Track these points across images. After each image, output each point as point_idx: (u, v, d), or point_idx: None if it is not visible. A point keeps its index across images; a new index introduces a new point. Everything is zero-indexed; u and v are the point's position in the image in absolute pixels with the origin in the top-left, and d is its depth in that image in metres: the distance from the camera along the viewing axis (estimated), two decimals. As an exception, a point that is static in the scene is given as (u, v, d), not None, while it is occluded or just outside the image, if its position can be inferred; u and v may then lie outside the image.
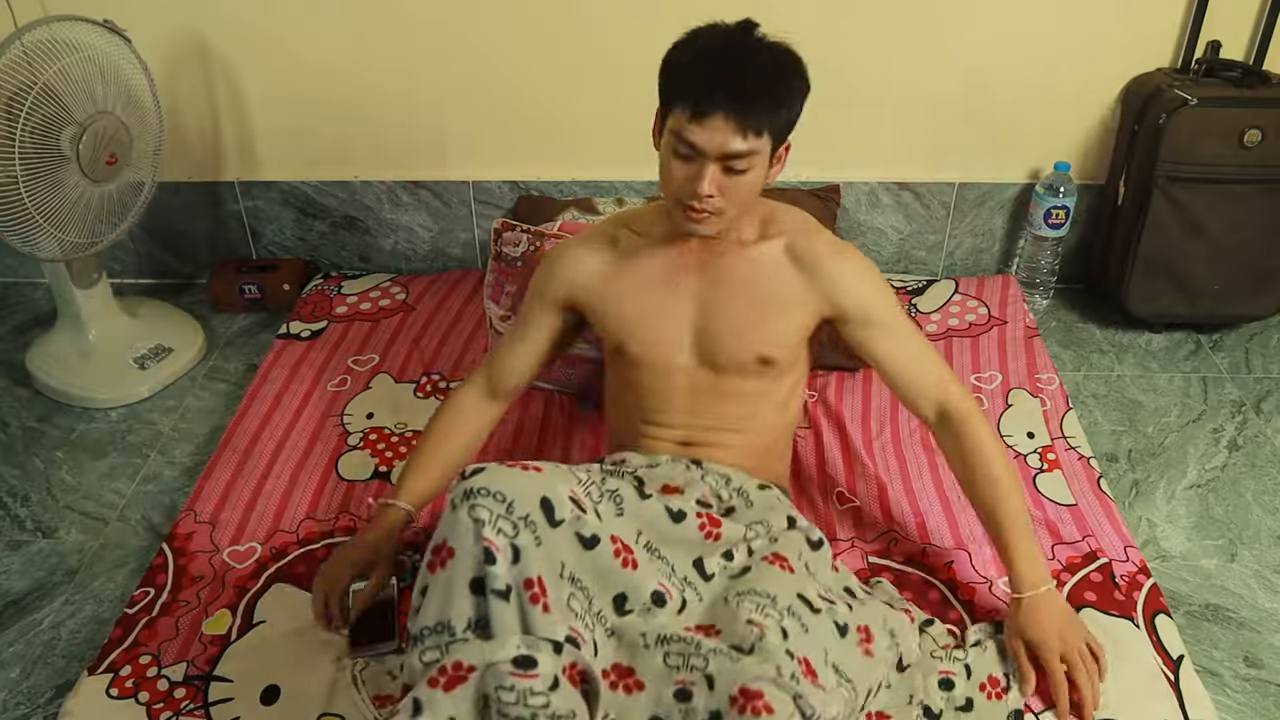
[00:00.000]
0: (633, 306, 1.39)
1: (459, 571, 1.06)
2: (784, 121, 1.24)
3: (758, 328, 1.36)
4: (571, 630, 1.07)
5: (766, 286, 1.36)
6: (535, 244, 1.83)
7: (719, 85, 1.18)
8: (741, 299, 1.36)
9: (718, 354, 1.38)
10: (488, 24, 2.07)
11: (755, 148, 1.21)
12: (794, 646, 1.11)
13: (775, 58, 1.23)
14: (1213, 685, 1.40)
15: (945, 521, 1.59)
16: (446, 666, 1.03)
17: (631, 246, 1.41)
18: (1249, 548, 1.64)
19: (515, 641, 1.03)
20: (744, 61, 1.21)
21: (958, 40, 2.08)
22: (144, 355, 2.05)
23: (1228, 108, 1.93)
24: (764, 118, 1.20)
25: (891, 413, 1.84)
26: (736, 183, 1.23)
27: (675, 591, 1.19)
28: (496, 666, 1.01)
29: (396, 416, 1.84)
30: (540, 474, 1.14)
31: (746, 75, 1.20)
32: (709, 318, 1.37)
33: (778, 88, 1.22)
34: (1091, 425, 1.90)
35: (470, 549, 1.06)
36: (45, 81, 1.70)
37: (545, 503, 1.10)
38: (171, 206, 2.30)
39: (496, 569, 1.05)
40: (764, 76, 1.21)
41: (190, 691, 1.33)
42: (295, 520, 1.61)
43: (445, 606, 1.06)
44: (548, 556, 1.08)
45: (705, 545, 1.25)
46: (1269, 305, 2.11)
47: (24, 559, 1.63)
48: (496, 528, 1.06)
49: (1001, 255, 2.33)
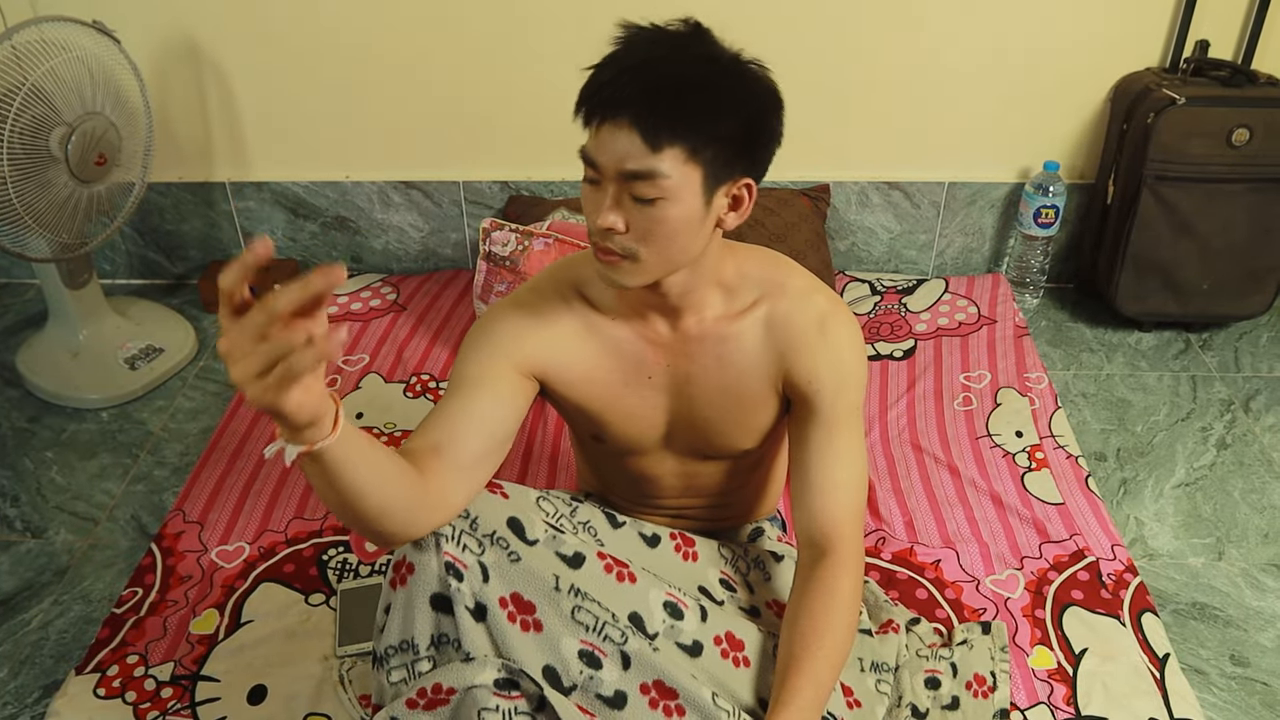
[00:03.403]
0: (601, 406, 1.18)
1: (419, 588, 1.00)
2: (716, 141, 0.97)
3: (736, 423, 1.18)
4: (585, 643, 1.01)
5: (742, 378, 1.15)
6: (524, 243, 1.83)
7: (621, 84, 0.95)
8: (719, 392, 1.16)
9: (697, 447, 1.22)
10: (478, 23, 2.07)
11: (663, 168, 0.95)
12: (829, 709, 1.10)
13: (713, 59, 0.98)
14: (1199, 683, 1.40)
15: (933, 521, 1.60)
16: (426, 689, 0.99)
17: (587, 320, 1.15)
18: (1236, 546, 1.64)
19: (496, 664, 0.99)
20: (662, 60, 0.96)
21: (947, 39, 2.08)
22: (134, 355, 2.05)
23: (1216, 107, 1.94)
24: (678, 127, 0.95)
25: (880, 412, 1.84)
26: (648, 216, 0.98)
27: (690, 600, 1.12)
28: (475, 691, 0.97)
29: (386, 416, 1.85)
30: (506, 498, 1.06)
31: (660, 71, 0.95)
32: (686, 413, 1.18)
33: (703, 92, 0.96)
34: (1080, 424, 1.90)
35: (430, 564, 0.99)
36: (34, 82, 1.70)
37: (514, 522, 1.03)
38: (162, 207, 2.30)
39: (464, 586, 0.99)
40: (684, 77, 0.95)
41: (177, 691, 1.33)
42: (283, 520, 1.61)
43: (407, 624, 1.01)
44: (528, 573, 1.01)
45: (692, 568, 1.21)
46: (1258, 304, 2.12)
47: (13, 559, 1.63)
48: (461, 544, 1.00)
49: (991, 254, 2.34)
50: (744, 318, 1.14)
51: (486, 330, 1.14)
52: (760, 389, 1.16)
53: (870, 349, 2.02)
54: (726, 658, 1.09)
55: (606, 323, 1.15)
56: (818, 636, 1.06)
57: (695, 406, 1.17)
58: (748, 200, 1.03)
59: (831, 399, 1.13)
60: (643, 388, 1.17)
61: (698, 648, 1.07)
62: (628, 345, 1.15)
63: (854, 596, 1.11)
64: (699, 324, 1.13)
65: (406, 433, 1.79)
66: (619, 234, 1.00)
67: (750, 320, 1.14)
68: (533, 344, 1.13)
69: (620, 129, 0.95)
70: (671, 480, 1.27)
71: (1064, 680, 1.34)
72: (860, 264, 2.34)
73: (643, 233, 0.99)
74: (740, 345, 1.14)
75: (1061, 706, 1.30)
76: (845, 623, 1.09)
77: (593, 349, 1.15)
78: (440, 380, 1.95)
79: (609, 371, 1.16)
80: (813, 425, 1.14)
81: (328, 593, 1.47)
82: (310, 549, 1.55)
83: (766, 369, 1.14)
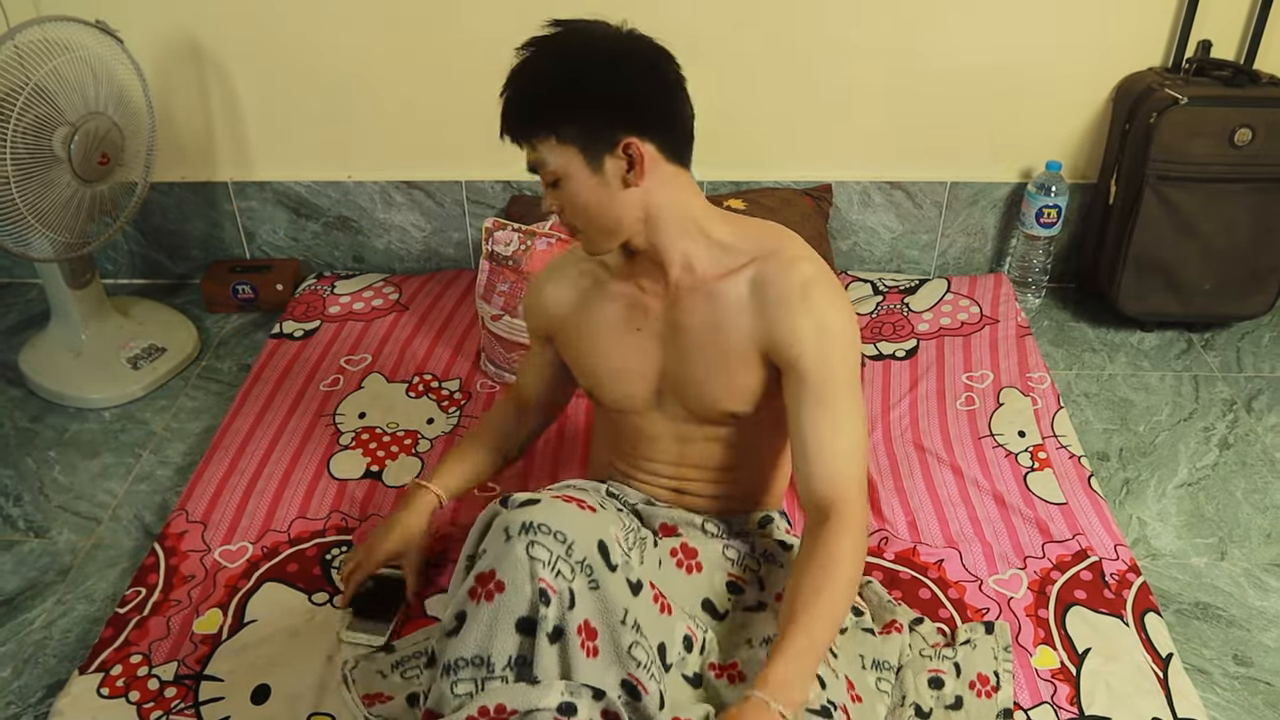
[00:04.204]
0: (600, 360, 1.29)
1: (507, 608, 1.02)
2: (570, 120, 1.11)
3: (721, 380, 1.23)
4: (630, 677, 1.05)
5: (728, 333, 1.20)
6: (526, 243, 1.83)
7: (502, 109, 1.14)
8: (705, 346, 1.22)
9: (688, 405, 1.27)
10: (479, 23, 2.07)
11: (544, 158, 1.13)
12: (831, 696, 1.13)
13: (543, 53, 1.12)
14: (1202, 683, 1.40)
15: (936, 520, 1.60)
16: (489, 708, 1.01)
17: (597, 279, 1.30)
18: (1239, 546, 1.64)
19: (560, 688, 1.01)
20: (514, 75, 1.14)
21: (949, 39, 2.08)
22: (137, 355, 2.05)
23: (1218, 107, 1.94)
24: (532, 125, 1.12)
25: (883, 411, 1.84)
26: (561, 196, 1.16)
27: (699, 634, 1.18)
28: (538, 715, 0.99)
29: (389, 416, 1.85)
30: (595, 514, 1.10)
31: (513, 86, 1.13)
32: (674, 367, 1.25)
33: (536, 85, 1.12)
34: (1083, 424, 1.90)
35: (524, 588, 1.02)
36: (37, 82, 1.70)
37: (602, 546, 1.07)
38: (164, 207, 2.30)
39: (550, 611, 1.02)
40: (525, 79, 1.12)
41: (181, 691, 1.33)
42: (287, 520, 1.61)
43: (487, 641, 1.03)
44: (601, 601, 1.05)
45: (695, 581, 1.25)
46: (1260, 304, 2.12)
47: (16, 558, 1.63)
48: (555, 570, 1.03)
49: (994, 254, 2.34)
50: (733, 277, 1.20)
51: (526, 303, 1.42)
52: (744, 347, 1.21)
53: (872, 349, 2.02)
54: (721, 677, 1.16)
55: (610, 280, 1.29)
56: (815, 595, 1.11)
57: (683, 360, 1.24)
58: (641, 157, 1.13)
59: (816, 362, 1.17)
60: (635, 337, 1.27)
61: (697, 680, 1.15)
62: (625, 298, 1.27)
63: (854, 557, 1.15)
64: (690, 279, 1.22)
65: (409, 432, 1.80)
66: (562, 216, 1.19)
67: (739, 279, 1.20)
68: (548, 305, 1.35)
69: (517, 143, 1.15)
70: (667, 444, 1.32)
71: (1067, 680, 1.34)
72: (862, 264, 2.34)
73: (569, 210, 1.17)
74: (726, 302, 1.20)
75: (1065, 706, 1.30)
76: (844, 579, 1.14)
77: (595, 301, 1.30)
78: (443, 380, 1.95)
79: (605, 321, 1.28)
80: (804, 392, 1.18)
81: (331, 592, 1.47)
82: (313, 548, 1.55)
83: (750, 328, 1.20)
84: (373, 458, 1.74)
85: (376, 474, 1.71)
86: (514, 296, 1.86)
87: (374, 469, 1.72)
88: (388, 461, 1.73)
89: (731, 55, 2.08)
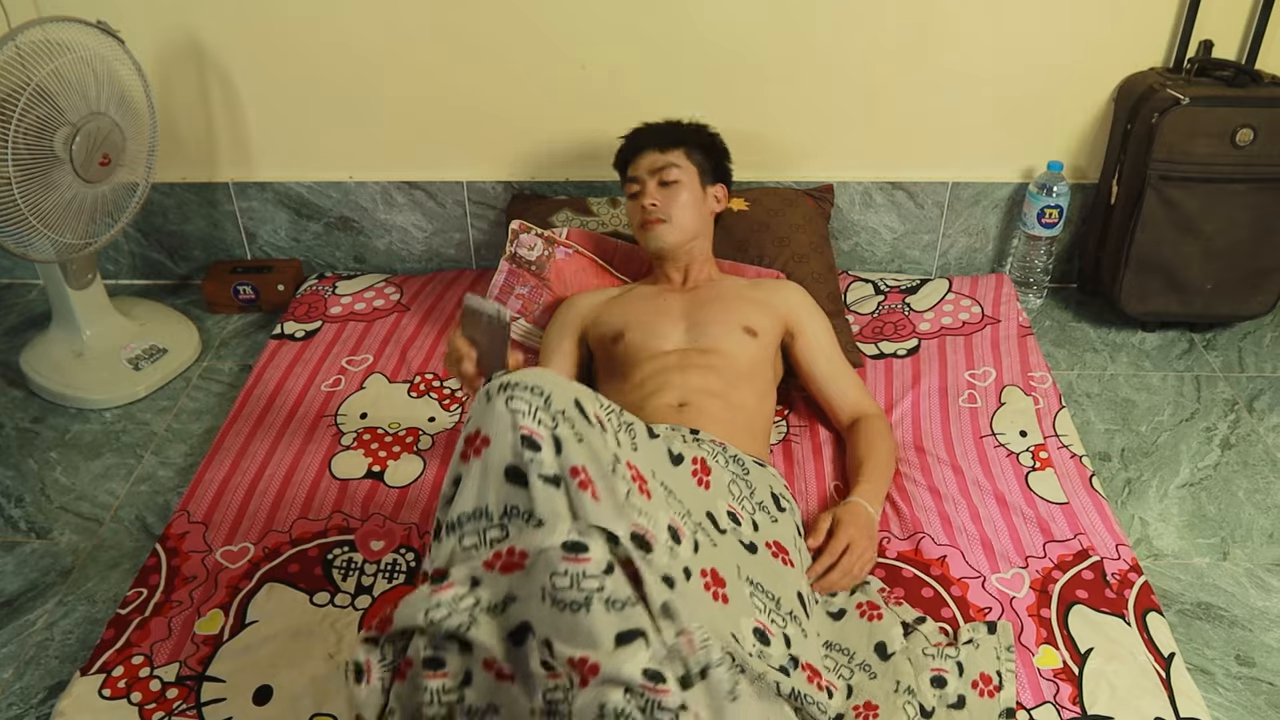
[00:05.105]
0: (632, 313, 1.74)
1: (494, 459, 1.06)
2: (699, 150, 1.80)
3: (740, 311, 1.71)
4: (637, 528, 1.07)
5: (740, 295, 1.76)
6: (549, 250, 1.87)
7: (640, 135, 1.83)
8: (724, 299, 1.74)
9: (707, 332, 1.68)
10: (481, 24, 2.07)
11: (675, 160, 1.76)
12: (796, 652, 1.17)
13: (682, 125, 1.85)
14: (1204, 683, 1.40)
15: (938, 519, 1.60)
16: (502, 552, 1.04)
17: (628, 288, 1.84)
18: (1241, 546, 1.64)
19: (565, 527, 1.02)
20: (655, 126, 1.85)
21: (950, 39, 2.08)
22: (138, 356, 2.05)
23: (1220, 107, 1.94)
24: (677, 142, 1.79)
25: (884, 411, 1.84)
26: (673, 194, 1.75)
27: (688, 532, 1.17)
28: (548, 552, 1.01)
29: (390, 416, 1.84)
30: (571, 382, 1.14)
31: (657, 126, 1.84)
32: (697, 314, 1.72)
33: (680, 130, 1.83)
34: (1084, 424, 1.90)
35: (506, 436, 1.06)
36: (38, 82, 1.70)
37: (578, 404, 1.11)
38: (166, 207, 2.30)
39: (542, 455, 1.05)
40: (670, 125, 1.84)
41: (183, 692, 1.33)
42: (288, 520, 1.61)
43: (482, 494, 1.06)
44: (590, 449, 1.08)
45: (705, 495, 1.28)
46: (1262, 304, 2.12)
47: (18, 559, 1.63)
48: (536, 418, 1.06)
49: (995, 254, 2.34)
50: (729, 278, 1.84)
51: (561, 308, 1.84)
52: (754, 300, 1.74)
53: (874, 348, 2.02)
54: (708, 591, 1.14)
55: (639, 285, 1.85)
56: (870, 445, 1.64)
57: (703, 309, 1.72)
58: (724, 199, 1.87)
59: (811, 322, 1.77)
60: (663, 303, 1.76)
61: (686, 574, 1.12)
62: (653, 288, 1.82)
63: (888, 430, 1.70)
64: (704, 276, 1.83)
65: (411, 430, 1.80)
66: (656, 209, 1.74)
67: (734, 279, 1.84)
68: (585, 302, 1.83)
69: (645, 154, 1.79)
70: (675, 363, 1.64)
71: (1069, 679, 1.34)
72: (864, 264, 2.34)
73: (672, 205, 1.75)
74: (730, 285, 1.80)
75: (1067, 706, 1.30)
76: (887, 443, 1.66)
77: (628, 292, 1.82)
78: (444, 380, 1.95)
79: (639, 295, 1.80)
80: (815, 352, 1.75)
81: (332, 592, 1.47)
82: (315, 549, 1.55)
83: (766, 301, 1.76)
84: (374, 458, 1.74)
85: (378, 474, 1.71)
86: (533, 301, 1.86)
87: (376, 469, 1.72)
88: (389, 462, 1.73)
89: (733, 56, 2.08)
